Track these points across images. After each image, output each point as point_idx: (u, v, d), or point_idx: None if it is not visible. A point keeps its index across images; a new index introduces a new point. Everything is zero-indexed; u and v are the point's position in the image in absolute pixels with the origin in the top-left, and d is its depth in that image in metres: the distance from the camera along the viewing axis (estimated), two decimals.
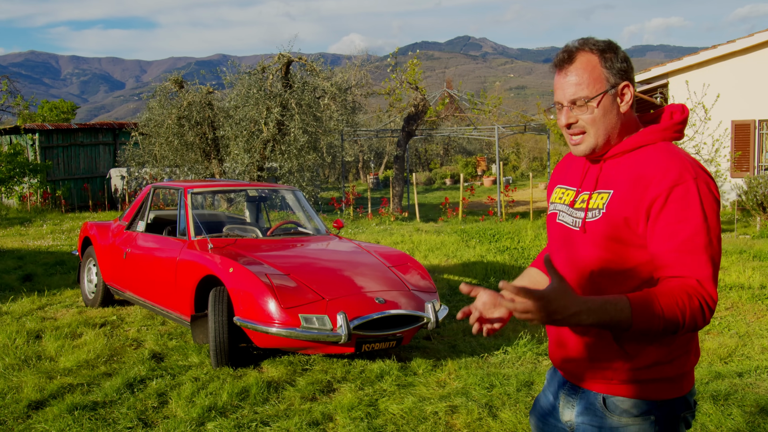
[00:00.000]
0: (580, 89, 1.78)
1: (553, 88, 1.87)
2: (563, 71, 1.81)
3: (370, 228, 13.81)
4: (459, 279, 8.48)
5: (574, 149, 1.86)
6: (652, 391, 1.77)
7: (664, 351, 1.76)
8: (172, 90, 15.13)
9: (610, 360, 1.78)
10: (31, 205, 18.01)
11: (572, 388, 1.89)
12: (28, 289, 7.87)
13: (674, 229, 1.66)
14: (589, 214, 1.80)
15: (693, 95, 13.26)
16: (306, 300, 4.82)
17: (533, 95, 70.21)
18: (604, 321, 1.58)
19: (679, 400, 1.80)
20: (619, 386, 1.78)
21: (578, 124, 1.82)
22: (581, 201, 1.84)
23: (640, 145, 1.80)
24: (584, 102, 1.78)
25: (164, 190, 8.10)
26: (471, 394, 4.47)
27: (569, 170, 1.98)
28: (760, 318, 6.54)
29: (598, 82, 1.77)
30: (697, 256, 1.64)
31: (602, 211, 1.77)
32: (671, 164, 1.70)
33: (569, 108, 1.81)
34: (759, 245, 10.14)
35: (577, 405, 1.85)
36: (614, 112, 1.80)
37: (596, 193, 1.81)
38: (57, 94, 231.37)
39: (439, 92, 23.45)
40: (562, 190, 1.95)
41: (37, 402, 4.37)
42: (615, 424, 1.78)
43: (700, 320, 1.62)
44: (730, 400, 4.26)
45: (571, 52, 1.81)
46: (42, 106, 45.28)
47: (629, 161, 1.79)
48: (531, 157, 38.70)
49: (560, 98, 1.82)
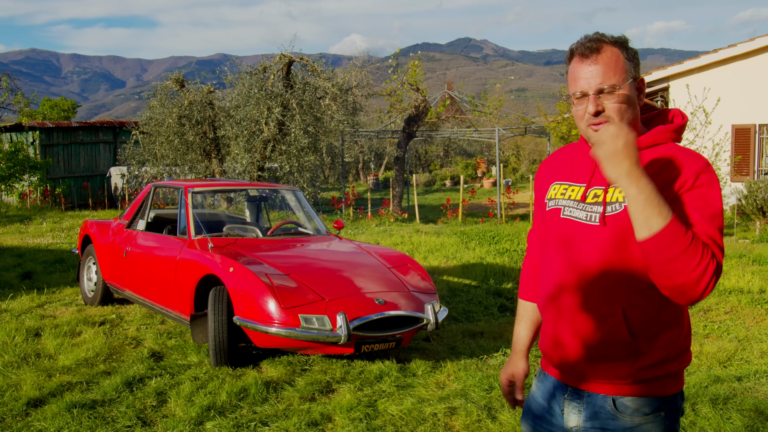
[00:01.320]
0: (608, 78, 1.79)
1: (567, 81, 1.88)
2: (588, 61, 1.82)
3: (370, 229, 13.82)
4: (459, 281, 8.49)
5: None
6: (661, 387, 1.79)
7: (673, 346, 1.79)
8: (173, 89, 15.13)
9: (618, 360, 1.77)
10: (30, 202, 18.01)
11: (575, 392, 1.86)
12: (27, 287, 7.87)
13: (700, 208, 1.69)
14: (608, 207, 1.79)
15: (694, 99, 13.28)
16: (306, 300, 4.82)
17: (533, 98, 70.25)
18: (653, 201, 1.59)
19: (680, 394, 1.85)
20: (628, 386, 1.78)
21: (604, 113, 1.82)
22: (594, 196, 1.83)
23: (654, 143, 1.83)
24: (612, 90, 1.79)
25: (165, 189, 8.10)
26: (470, 396, 4.47)
27: (568, 166, 1.97)
28: (760, 322, 6.54)
29: (625, 73, 1.81)
30: (716, 234, 1.68)
31: (624, 203, 1.76)
32: (696, 156, 1.77)
33: (596, 96, 1.81)
34: (759, 249, 10.14)
35: (585, 410, 1.83)
36: (635, 102, 1.84)
37: (612, 187, 1.80)
38: (58, 92, 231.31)
39: (440, 94, 23.47)
40: (565, 186, 1.94)
41: (36, 400, 4.36)
42: (627, 424, 1.77)
43: (708, 277, 1.60)
44: (729, 404, 4.26)
45: (598, 42, 1.83)
46: (43, 104, 45.29)
47: (645, 156, 1.80)
48: (531, 159, 38.75)
49: (584, 87, 1.82)
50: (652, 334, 1.77)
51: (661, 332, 1.78)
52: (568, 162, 1.98)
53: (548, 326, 1.92)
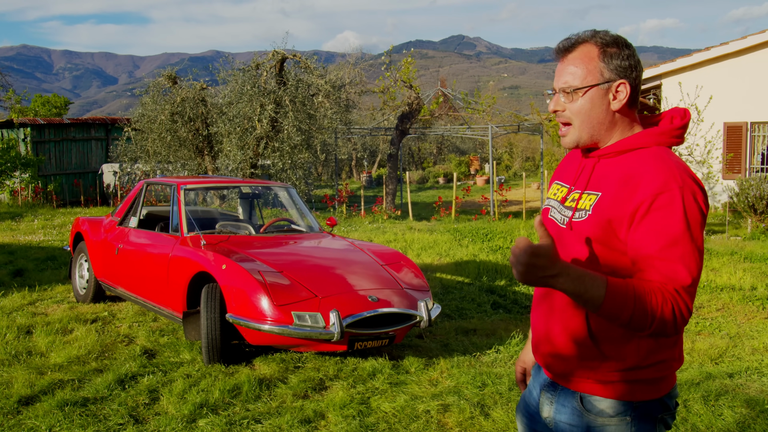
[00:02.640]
0: (572, 78, 1.79)
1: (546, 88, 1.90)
2: (562, 59, 1.83)
3: (363, 226, 13.81)
4: (452, 278, 8.49)
5: (562, 141, 1.88)
6: (629, 392, 1.76)
7: (642, 355, 1.74)
8: (166, 86, 15.06)
9: (590, 359, 1.77)
10: (22, 200, 17.92)
11: (552, 384, 1.89)
12: (18, 285, 7.83)
13: (656, 236, 1.63)
14: (576, 213, 1.79)
15: (686, 97, 13.31)
16: (299, 297, 4.81)
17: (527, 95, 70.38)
18: (579, 291, 1.58)
19: (656, 402, 1.79)
20: (596, 386, 1.78)
21: (564, 113, 1.82)
22: (571, 199, 1.83)
23: (633, 148, 1.77)
24: (571, 91, 1.79)
25: (157, 185, 8.07)
26: (463, 393, 4.48)
27: (568, 167, 1.98)
28: (751, 319, 6.58)
29: (591, 74, 1.77)
30: (676, 264, 1.62)
31: (588, 212, 1.75)
32: (659, 171, 1.68)
33: (560, 95, 1.82)
34: (750, 247, 10.19)
35: (556, 402, 1.85)
36: (602, 107, 1.78)
37: (586, 193, 1.80)
38: (49, 88, 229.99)
39: (433, 91, 23.46)
40: (558, 186, 1.95)
41: (27, 397, 4.34)
42: (592, 423, 1.78)
43: (670, 326, 1.60)
44: (720, 401, 4.28)
45: (572, 41, 1.81)
46: (34, 101, 45.05)
47: (621, 164, 1.77)
48: (524, 157, 38.81)
49: (554, 84, 1.85)
50: (616, 340, 1.74)
51: (629, 339, 1.74)
52: (568, 163, 2.00)
53: (540, 321, 1.93)
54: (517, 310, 7.12)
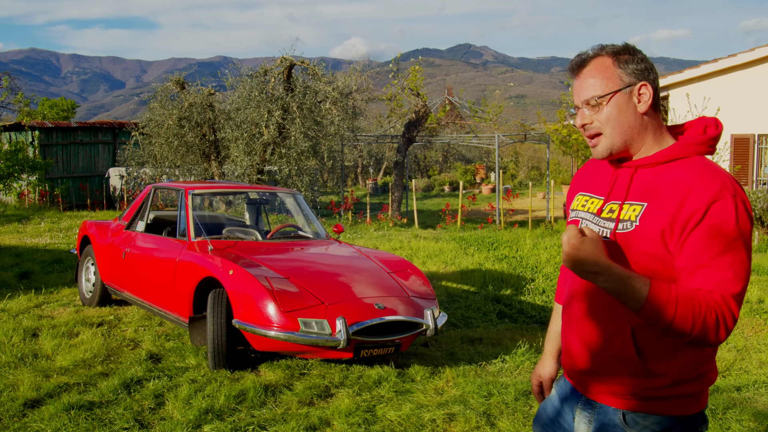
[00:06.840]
0: (593, 89, 1.79)
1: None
2: (578, 76, 1.83)
3: (369, 233, 13.81)
4: (457, 286, 8.48)
5: (593, 152, 1.86)
6: (674, 407, 1.75)
7: (688, 369, 1.73)
8: (174, 91, 15.12)
9: (635, 376, 1.75)
10: (29, 202, 17.98)
11: (588, 402, 1.86)
12: (25, 287, 7.84)
13: (709, 244, 1.63)
14: (620, 225, 1.77)
15: (693, 108, 13.30)
16: (305, 304, 4.80)
17: (533, 104, 70.28)
18: (620, 291, 1.59)
19: (698, 415, 1.78)
20: (640, 402, 1.76)
21: (593, 125, 1.82)
22: (609, 210, 1.81)
23: (675, 158, 1.77)
24: (596, 101, 1.79)
25: (164, 190, 8.09)
26: (469, 402, 4.46)
27: (594, 177, 1.95)
28: (758, 332, 6.54)
29: (611, 81, 1.78)
30: (727, 272, 1.62)
31: (635, 223, 1.73)
32: (711, 179, 1.68)
33: (584, 109, 1.82)
34: (757, 259, 10.15)
35: (595, 421, 1.83)
36: (630, 111, 1.78)
37: (627, 204, 1.77)
38: (57, 92, 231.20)
39: (440, 99, 23.50)
40: (586, 197, 1.93)
41: (33, 401, 4.34)
42: None
43: (712, 335, 1.60)
44: (728, 414, 4.26)
45: (584, 57, 1.82)
46: (42, 104, 45.25)
47: (665, 173, 1.75)
48: (530, 166, 38.78)
49: (576, 101, 1.84)
50: (664, 355, 1.73)
51: (675, 353, 1.73)
52: (593, 173, 1.97)
53: (562, 333, 1.92)
54: (523, 320, 7.10)
